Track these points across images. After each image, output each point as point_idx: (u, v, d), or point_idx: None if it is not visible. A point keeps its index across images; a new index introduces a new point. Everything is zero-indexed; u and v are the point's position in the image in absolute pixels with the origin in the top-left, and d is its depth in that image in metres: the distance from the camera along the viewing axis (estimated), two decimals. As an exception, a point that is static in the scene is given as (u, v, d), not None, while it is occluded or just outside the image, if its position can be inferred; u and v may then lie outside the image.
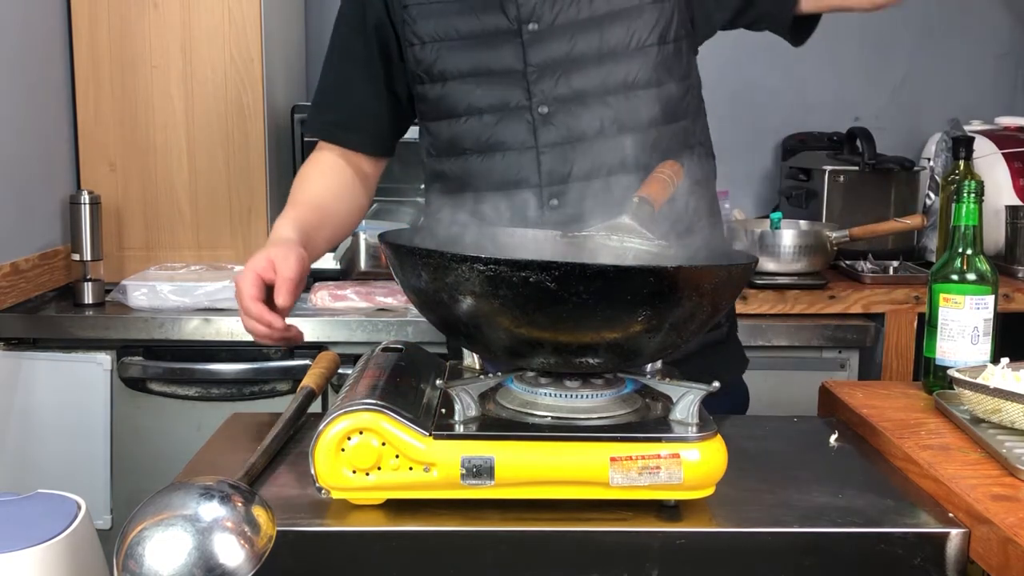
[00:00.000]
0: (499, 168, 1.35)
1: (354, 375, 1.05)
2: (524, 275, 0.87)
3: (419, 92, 1.39)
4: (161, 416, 2.03)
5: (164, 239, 2.21)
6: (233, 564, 0.77)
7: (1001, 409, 1.10)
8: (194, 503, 0.79)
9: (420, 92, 1.38)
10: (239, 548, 0.77)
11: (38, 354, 2.00)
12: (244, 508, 0.80)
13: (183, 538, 0.77)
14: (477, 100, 1.34)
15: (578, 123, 1.32)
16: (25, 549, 1.16)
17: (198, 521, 0.77)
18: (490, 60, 1.33)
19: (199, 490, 0.80)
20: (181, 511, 0.78)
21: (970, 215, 1.25)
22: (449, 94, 1.35)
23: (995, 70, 2.81)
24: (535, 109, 1.32)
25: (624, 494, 0.93)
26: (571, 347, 0.94)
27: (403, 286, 1.01)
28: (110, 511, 2.02)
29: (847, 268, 2.26)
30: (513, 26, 1.32)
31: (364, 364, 1.09)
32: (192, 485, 0.81)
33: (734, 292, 1.02)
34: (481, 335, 0.96)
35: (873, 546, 0.94)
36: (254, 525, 0.79)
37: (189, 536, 0.77)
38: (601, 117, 1.32)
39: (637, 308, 0.90)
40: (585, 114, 1.32)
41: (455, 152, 1.38)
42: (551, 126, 1.33)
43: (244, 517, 0.79)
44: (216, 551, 0.76)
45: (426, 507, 0.94)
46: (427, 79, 1.36)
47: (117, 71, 2.15)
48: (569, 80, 1.32)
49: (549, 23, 1.31)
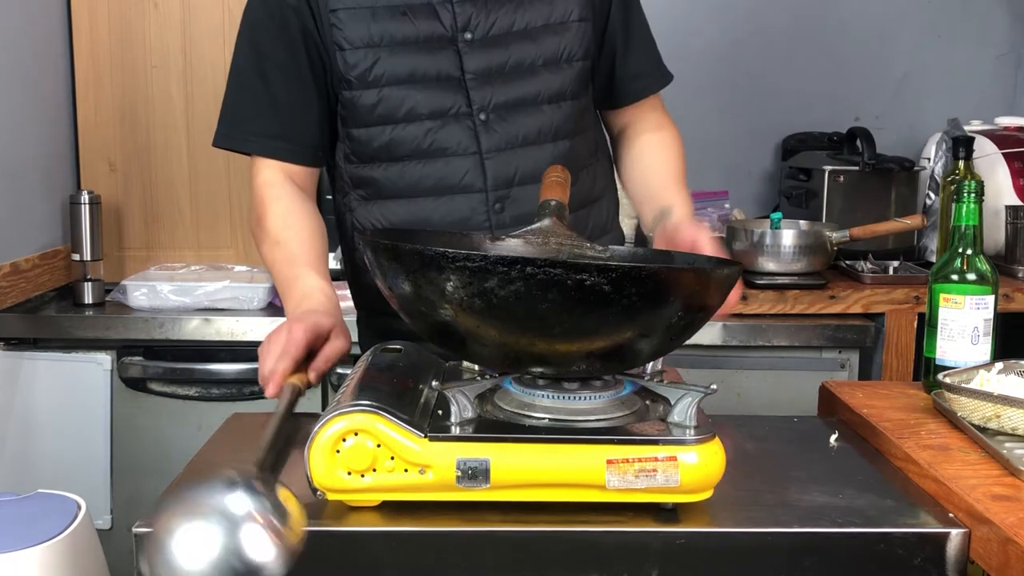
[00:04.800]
0: (441, 173, 1.34)
1: (352, 375, 1.05)
2: (581, 278, 0.85)
3: (346, 98, 1.34)
4: (161, 416, 2.03)
5: (164, 239, 2.21)
6: (266, 560, 0.76)
7: (1001, 415, 1.09)
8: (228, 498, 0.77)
9: (347, 98, 1.34)
10: (273, 546, 0.76)
11: (38, 354, 2.00)
12: (277, 503, 0.79)
13: (216, 532, 0.75)
14: (417, 105, 1.33)
15: (519, 130, 1.35)
16: (25, 549, 1.17)
17: (232, 516, 0.76)
18: (428, 66, 1.32)
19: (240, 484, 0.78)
20: (213, 504, 0.77)
21: (970, 215, 1.25)
22: (386, 99, 1.33)
23: (995, 70, 2.81)
24: (476, 115, 1.33)
25: (621, 497, 0.92)
26: (596, 352, 0.93)
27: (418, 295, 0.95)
28: (110, 511, 2.02)
29: (847, 268, 2.26)
30: (448, 33, 1.32)
31: (363, 364, 1.09)
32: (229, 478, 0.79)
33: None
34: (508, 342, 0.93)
35: (873, 546, 0.93)
36: (287, 522, 0.78)
37: (222, 530, 0.75)
38: (540, 124, 1.36)
39: (675, 309, 0.91)
40: (524, 120, 1.35)
41: (388, 158, 1.35)
42: (493, 132, 1.34)
43: (278, 514, 0.78)
44: (250, 548, 0.75)
45: (423, 508, 0.94)
46: (358, 84, 1.32)
47: (117, 71, 2.15)
48: (507, 88, 1.34)
49: (484, 32, 1.33)
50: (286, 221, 1.32)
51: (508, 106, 1.34)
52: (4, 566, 1.16)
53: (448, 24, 1.32)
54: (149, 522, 0.92)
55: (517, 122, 1.35)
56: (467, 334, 0.93)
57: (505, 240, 1.14)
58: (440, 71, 1.32)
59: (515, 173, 1.35)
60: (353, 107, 1.34)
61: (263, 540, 0.76)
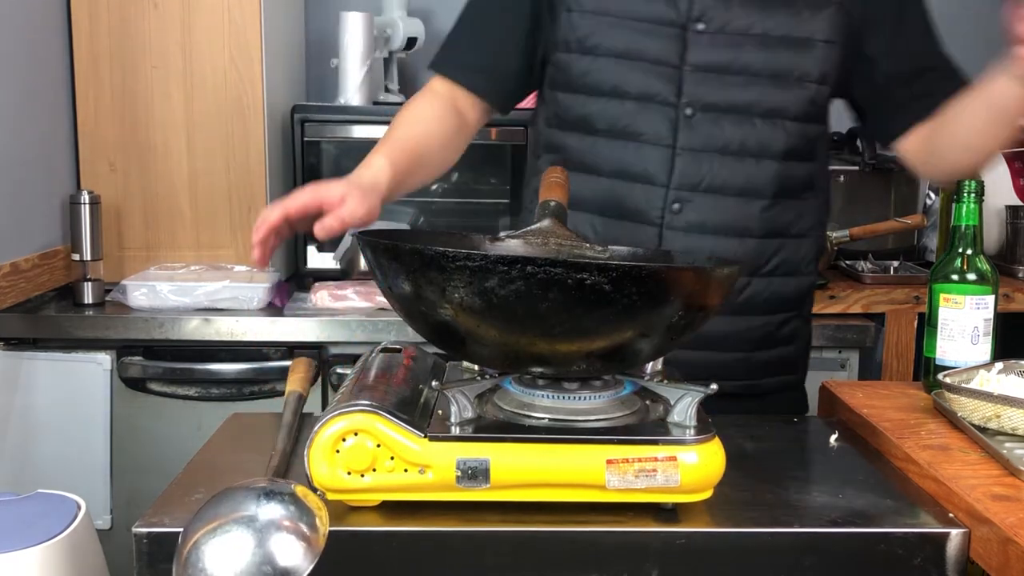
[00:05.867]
0: (629, 158, 1.32)
1: (353, 375, 1.05)
2: (581, 277, 0.85)
3: (560, 60, 1.35)
4: (161, 416, 2.03)
5: (164, 239, 2.21)
6: (294, 563, 0.78)
7: (1001, 415, 1.09)
8: (253, 505, 0.80)
9: (562, 61, 1.34)
10: (299, 546, 0.78)
11: (38, 354, 2.00)
12: (303, 506, 0.81)
13: (245, 539, 0.78)
14: (625, 83, 1.31)
15: (722, 135, 1.30)
16: (25, 549, 1.16)
17: (257, 522, 0.79)
18: (648, 47, 1.30)
19: (257, 492, 0.81)
20: (240, 513, 0.79)
21: (970, 215, 1.25)
22: (597, 70, 1.32)
23: (995, 70, 2.80)
24: (682, 108, 1.30)
25: (621, 497, 0.92)
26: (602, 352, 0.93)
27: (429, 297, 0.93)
28: (110, 511, 2.02)
29: (847, 268, 2.26)
30: (680, 20, 1.29)
31: (363, 364, 1.09)
32: (250, 488, 0.82)
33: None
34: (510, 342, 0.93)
35: (873, 546, 0.93)
36: (312, 523, 0.81)
37: (250, 536, 0.78)
38: (745, 136, 1.30)
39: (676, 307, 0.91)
40: (730, 128, 1.30)
41: (584, 129, 1.35)
42: (694, 130, 1.30)
43: (302, 516, 0.80)
44: (280, 554, 0.78)
45: (423, 508, 0.94)
46: (576, 48, 1.33)
47: (117, 71, 2.15)
48: (722, 90, 1.29)
49: (718, 27, 1.29)
50: (412, 115, 1.37)
51: (717, 108, 1.30)
52: (4, 566, 1.16)
53: (683, 10, 1.29)
54: (149, 521, 0.92)
55: (722, 127, 1.30)
56: (467, 334, 0.93)
57: (505, 240, 1.14)
58: (660, 55, 1.30)
59: (704, 178, 1.31)
60: (564, 70, 1.35)
61: (292, 546, 0.78)
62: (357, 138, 2.28)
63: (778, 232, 1.36)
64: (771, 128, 1.31)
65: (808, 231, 1.39)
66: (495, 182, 2.34)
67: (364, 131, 2.27)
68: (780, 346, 1.41)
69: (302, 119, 2.24)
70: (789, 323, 1.41)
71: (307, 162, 2.25)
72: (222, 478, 0.99)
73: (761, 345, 1.39)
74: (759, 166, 1.32)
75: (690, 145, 1.30)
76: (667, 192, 1.31)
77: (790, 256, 1.38)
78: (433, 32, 2.59)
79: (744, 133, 1.31)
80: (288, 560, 0.77)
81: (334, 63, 2.35)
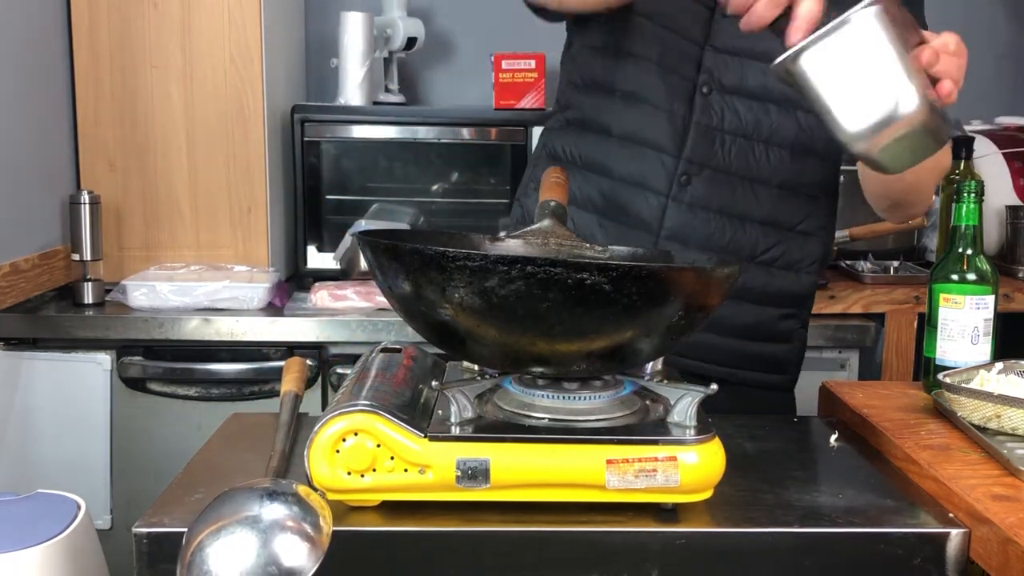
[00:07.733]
0: (640, 122, 1.33)
1: (352, 375, 1.05)
2: (581, 277, 0.85)
3: (591, 21, 1.36)
4: (161, 416, 2.03)
5: (164, 239, 2.21)
6: (299, 563, 0.78)
7: (1001, 415, 1.09)
8: (257, 505, 0.80)
9: (592, 21, 1.36)
10: (303, 546, 0.79)
11: (38, 354, 2.00)
12: (306, 506, 0.82)
13: (249, 540, 0.78)
14: (648, 47, 1.32)
15: (735, 118, 1.32)
16: (25, 549, 1.16)
17: (261, 522, 0.79)
18: (676, 17, 1.31)
19: (260, 492, 0.81)
20: (244, 514, 0.79)
21: (970, 215, 1.25)
22: (628, 29, 1.33)
23: (995, 70, 2.80)
24: (700, 85, 1.31)
25: (621, 497, 0.92)
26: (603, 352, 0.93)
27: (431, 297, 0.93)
28: (110, 511, 2.02)
29: (847, 268, 2.26)
30: (710, 2, 1.30)
31: (363, 364, 1.09)
32: (253, 488, 0.82)
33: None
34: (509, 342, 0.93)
35: (873, 546, 0.93)
36: (316, 522, 0.81)
37: (255, 537, 0.78)
38: (758, 120, 1.32)
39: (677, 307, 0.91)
40: (743, 112, 1.32)
41: (603, 88, 1.36)
42: (710, 107, 1.32)
43: (306, 516, 0.81)
44: (285, 555, 0.78)
45: (423, 508, 0.94)
46: (605, 11, 1.32)
47: (117, 71, 2.15)
48: (740, 73, 1.31)
49: None
50: None
51: (732, 91, 1.32)
52: (4, 566, 1.16)
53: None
54: (149, 521, 0.92)
55: (736, 110, 1.32)
56: (467, 334, 0.93)
57: (505, 240, 1.14)
58: (683, 29, 1.31)
59: (715, 155, 1.32)
60: (593, 30, 1.36)
61: (297, 546, 0.78)
62: (357, 138, 2.28)
63: (782, 224, 1.37)
64: (785, 117, 1.33)
65: (815, 231, 1.40)
66: (495, 182, 2.34)
67: (364, 131, 2.28)
68: (772, 342, 1.42)
69: (302, 119, 2.24)
70: (784, 320, 1.41)
71: (307, 162, 2.25)
72: (222, 478, 0.99)
73: (752, 335, 1.40)
74: (769, 153, 1.33)
75: (705, 120, 1.32)
76: (678, 163, 1.32)
77: (791, 251, 1.38)
78: (433, 32, 2.59)
79: (757, 118, 1.32)
80: (293, 560, 0.78)
81: (334, 63, 2.35)
